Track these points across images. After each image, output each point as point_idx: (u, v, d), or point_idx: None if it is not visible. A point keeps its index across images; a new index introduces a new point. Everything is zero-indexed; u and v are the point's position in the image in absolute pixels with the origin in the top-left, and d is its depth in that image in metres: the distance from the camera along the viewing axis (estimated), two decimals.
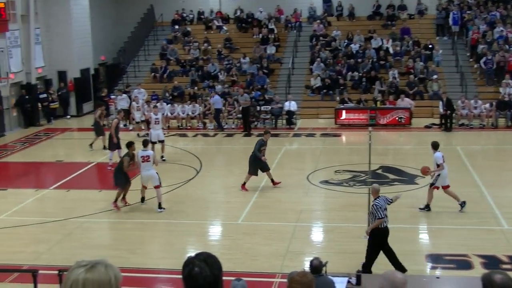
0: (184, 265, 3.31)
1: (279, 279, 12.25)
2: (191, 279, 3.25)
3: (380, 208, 12.04)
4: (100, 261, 3.00)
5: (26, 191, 19.36)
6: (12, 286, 12.39)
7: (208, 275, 3.25)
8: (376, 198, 12.40)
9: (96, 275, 2.92)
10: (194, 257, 3.33)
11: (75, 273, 2.92)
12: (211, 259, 3.33)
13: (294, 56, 32.98)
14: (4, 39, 27.19)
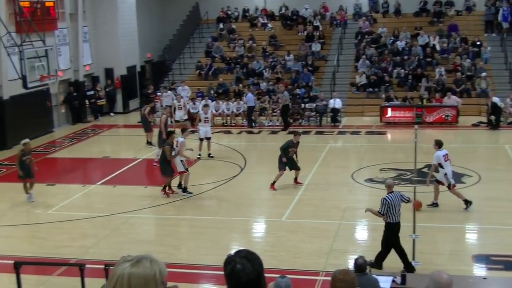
0: (225, 262, 3.33)
1: (323, 277, 12.21)
2: (233, 276, 3.27)
3: (385, 205, 12.11)
4: (145, 256, 3.03)
5: (74, 186, 19.69)
6: (59, 279, 12.63)
7: (251, 271, 3.26)
8: (389, 192, 12.42)
9: (141, 270, 2.95)
10: (235, 255, 3.35)
11: (120, 267, 2.95)
12: (252, 255, 3.34)
13: (339, 53, 32.79)
14: (53, 37, 27.66)
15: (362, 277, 8.94)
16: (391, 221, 12.19)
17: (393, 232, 12.23)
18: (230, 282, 3.30)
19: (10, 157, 23.58)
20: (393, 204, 12.13)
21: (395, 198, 12.23)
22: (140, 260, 2.98)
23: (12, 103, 25.09)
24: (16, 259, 11.11)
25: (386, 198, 12.22)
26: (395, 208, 12.16)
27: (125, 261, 2.97)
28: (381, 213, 12.22)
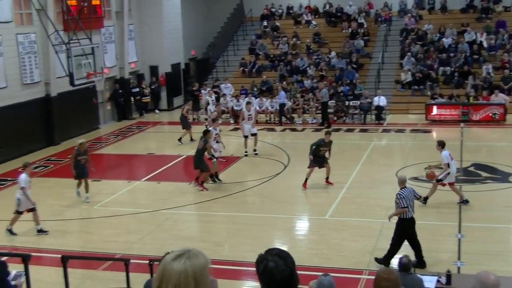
0: (257, 261, 3.33)
1: (366, 276, 12.13)
2: (267, 274, 3.27)
3: (404, 198, 12.17)
4: (191, 248, 3.05)
5: (119, 182, 19.96)
6: (104, 273, 12.82)
7: (284, 268, 3.26)
8: (402, 188, 12.50)
9: (198, 261, 2.96)
10: (267, 253, 3.35)
11: (178, 263, 2.94)
12: (283, 253, 3.34)
13: (384, 50, 32.47)
14: (99, 35, 28.07)
15: (406, 276, 8.85)
16: (405, 217, 12.29)
17: (405, 228, 12.32)
18: (264, 281, 3.30)
19: (57, 153, 24.04)
20: (408, 198, 12.25)
21: (408, 193, 12.37)
22: (194, 253, 3.00)
23: (60, 100, 25.54)
24: (64, 253, 11.32)
25: (401, 192, 12.36)
26: (410, 202, 12.27)
27: (178, 256, 2.98)
28: (403, 206, 12.24)
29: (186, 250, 3.00)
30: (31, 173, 16.41)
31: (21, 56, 23.89)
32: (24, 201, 14.99)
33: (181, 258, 2.95)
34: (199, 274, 2.94)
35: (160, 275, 2.97)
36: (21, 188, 14.92)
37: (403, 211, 12.28)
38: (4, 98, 22.91)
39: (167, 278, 2.93)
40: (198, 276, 2.93)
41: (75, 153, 17.45)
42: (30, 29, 24.40)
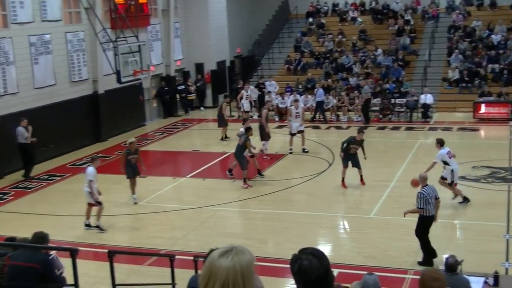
0: (291, 261, 3.31)
1: (411, 275, 12.00)
2: (302, 273, 3.25)
3: (422, 198, 12.23)
4: (235, 245, 3.06)
5: (164, 179, 20.14)
6: (150, 269, 12.96)
7: (319, 266, 3.23)
8: (424, 186, 12.48)
9: (245, 257, 2.98)
10: (301, 252, 3.33)
11: (225, 260, 2.95)
12: (318, 252, 3.31)
13: (431, 47, 32.04)
14: (145, 33, 28.37)
15: (453, 277, 8.72)
16: (426, 215, 12.34)
17: (426, 226, 12.44)
18: (299, 280, 3.28)
19: (104, 149, 24.39)
20: (429, 197, 12.29)
21: (430, 192, 12.38)
22: (240, 249, 3.01)
23: (107, 97, 25.90)
24: (110, 248, 11.48)
25: (422, 191, 12.36)
26: (431, 201, 12.32)
27: (224, 252, 2.99)
28: (419, 207, 12.32)
29: (232, 246, 3.01)
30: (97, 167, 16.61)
31: (70, 54, 24.31)
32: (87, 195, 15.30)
33: (228, 254, 2.97)
34: (246, 270, 2.95)
35: (207, 272, 2.97)
36: (89, 181, 15.18)
37: (419, 211, 12.38)
38: (53, 95, 23.34)
39: (215, 275, 2.94)
40: (245, 272, 2.95)
41: (125, 152, 17.49)
42: (79, 28, 24.81)
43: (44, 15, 22.90)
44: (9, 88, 21.43)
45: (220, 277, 2.92)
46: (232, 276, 2.92)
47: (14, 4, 21.53)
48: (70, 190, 19.37)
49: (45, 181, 20.29)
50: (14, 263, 7.98)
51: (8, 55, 21.31)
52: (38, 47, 22.60)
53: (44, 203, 18.01)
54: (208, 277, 2.96)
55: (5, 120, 20.84)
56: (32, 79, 22.39)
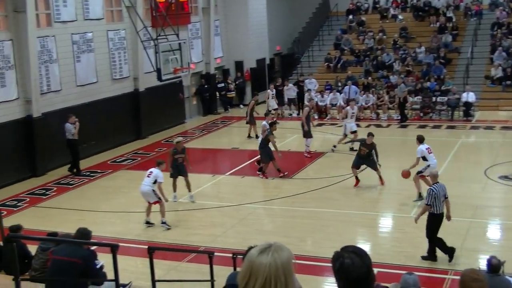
0: (333, 259, 3.29)
1: (452, 276, 11.86)
2: (343, 272, 3.22)
3: (431, 195, 12.30)
4: (273, 242, 3.07)
5: (204, 176, 20.24)
6: (189, 265, 13.06)
7: (360, 265, 3.20)
8: (434, 183, 12.65)
9: (284, 254, 3.00)
10: (343, 250, 3.31)
11: (265, 257, 2.96)
12: (360, 250, 3.28)
13: (474, 45, 31.56)
14: (186, 31, 28.55)
15: (495, 278, 8.58)
16: (435, 212, 12.40)
17: (436, 223, 12.49)
18: (340, 278, 3.26)
19: (144, 146, 24.63)
20: (438, 194, 12.33)
21: (440, 189, 12.45)
22: (278, 246, 3.03)
23: (147, 95, 26.14)
24: (150, 244, 11.58)
25: (432, 188, 12.45)
26: (440, 199, 12.36)
27: (263, 250, 3.00)
28: (427, 204, 12.41)
29: (269, 244, 3.02)
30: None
31: (111, 52, 24.61)
32: (152, 195, 15.39)
33: (267, 251, 2.97)
34: (286, 266, 2.96)
35: (247, 270, 2.98)
36: (159, 183, 15.34)
37: (427, 208, 12.46)
38: (95, 93, 23.66)
39: (256, 272, 2.95)
40: (286, 268, 2.96)
41: (172, 151, 17.48)
42: (120, 26, 25.10)
43: (86, 13, 23.23)
44: (52, 85, 21.80)
45: (261, 274, 2.93)
46: (273, 272, 2.93)
47: (57, 3, 21.88)
48: (111, 186, 19.64)
49: (86, 177, 20.59)
50: (57, 257, 8.11)
51: (51, 53, 21.67)
52: (80, 45, 22.94)
53: (85, 199, 18.27)
54: (249, 275, 2.97)
55: (48, 117, 21.20)
56: (74, 77, 22.73)
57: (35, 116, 20.72)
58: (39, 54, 21.00)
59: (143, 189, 15.47)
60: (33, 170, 20.83)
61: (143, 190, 15.47)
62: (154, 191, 15.32)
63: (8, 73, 20.00)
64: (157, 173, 15.45)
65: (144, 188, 15.43)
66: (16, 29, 20.19)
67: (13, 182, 19.97)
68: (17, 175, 20.29)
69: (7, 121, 20.08)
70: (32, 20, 20.26)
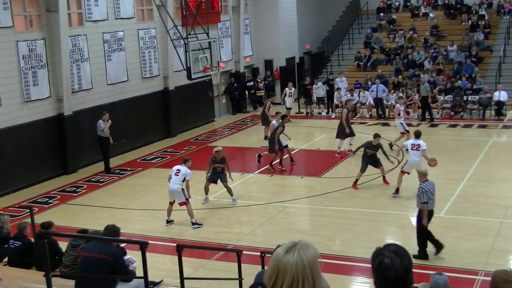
0: (373, 255, 3.27)
1: (482, 276, 11.74)
2: (381, 270, 3.20)
3: (425, 192, 12.45)
4: (299, 240, 3.08)
5: (233, 174, 20.23)
6: (217, 263, 13.11)
7: (399, 266, 3.17)
8: (424, 181, 12.73)
9: (310, 252, 3.01)
10: (384, 248, 3.28)
11: (292, 255, 2.98)
12: (401, 250, 3.25)
13: (506, 43, 31.14)
14: (216, 29, 28.63)
15: None
16: (428, 209, 12.53)
17: (429, 220, 12.64)
18: (378, 276, 3.24)
19: (173, 145, 24.77)
20: (430, 191, 12.52)
21: (430, 186, 12.61)
22: (303, 244, 3.04)
23: (177, 93, 26.28)
24: (179, 242, 11.65)
25: (423, 186, 12.60)
26: (431, 196, 12.56)
27: (289, 248, 3.02)
28: (424, 202, 12.50)
29: (294, 242, 3.04)
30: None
31: (142, 51, 24.79)
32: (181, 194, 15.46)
33: (293, 250, 2.99)
34: (313, 263, 2.98)
35: (274, 269, 3.00)
36: (187, 181, 15.39)
37: (425, 208, 12.52)
38: (126, 91, 23.86)
39: (283, 271, 2.97)
40: (312, 265, 2.98)
41: (211, 160, 17.24)
42: (151, 25, 25.26)
43: (117, 12, 23.43)
44: (84, 84, 22.03)
45: (288, 273, 2.95)
46: (301, 270, 2.95)
47: (89, 3, 22.10)
48: (140, 184, 19.78)
49: (116, 175, 20.77)
50: (87, 254, 8.21)
51: (83, 52, 21.90)
52: (111, 44, 23.14)
53: (114, 197, 18.45)
54: (276, 274, 2.98)
55: (79, 116, 21.43)
56: (105, 75, 22.95)
57: (66, 114, 20.97)
58: (70, 53, 21.24)
59: (172, 187, 15.49)
60: (64, 168, 21.09)
61: (172, 188, 15.49)
62: (183, 190, 15.37)
63: (41, 72, 20.27)
64: (186, 171, 15.50)
65: (173, 187, 15.46)
66: (48, 28, 20.45)
67: (45, 180, 20.25)
68: (49, 172, 20.57)
69: (39, 119, 20.34)
70: (64, 19, 20.50)
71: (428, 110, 26.65)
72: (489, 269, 11.61)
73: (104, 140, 20.82)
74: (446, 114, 27.27)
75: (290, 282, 2.94)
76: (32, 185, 19.68)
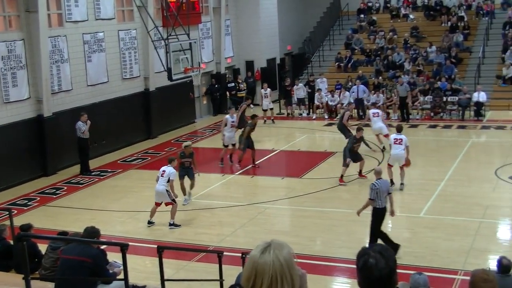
0: (358, 255, 3.28)
1: (461, 276, 11.82)
2: (366, 270, 3.22)
3: (375, 189, 12.72)
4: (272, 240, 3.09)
5: (213, 175, 20.28)
6: (198, 265, 13.08)
7: (383, 266, 3.19)
8: (378, 179, 13.05)
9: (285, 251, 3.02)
10: (369, 248, 3.30)
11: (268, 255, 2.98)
12: (386, 251, 3.27)
13: (485, 44, 31.42)
14: (197, 30, 28.58)
15: (506, 278, 8.54)
16: (378, 206, 12.80)
17: (379, 217, 12.89)
18: (362, 276, 3.26)
19: (154, 146, 24.70)
20: (381, 190, 12.72)
21: (383, 185, 12.85)
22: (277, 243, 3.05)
23: (158, 95, 26.21)
24: (159, 243, 11.61)
25: (375, 183, 12.85)
26: (383, 194, 12.76)
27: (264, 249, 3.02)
28: (371, 198, 12.79)
29: (268, 242, 3.05)
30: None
31: (122, 52, 24.69)
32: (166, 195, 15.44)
33: (268, 250, 3.00)
34: (289, 261, 3.01)
35: (252, 271, 3.00)
36: (171, 181, 15.48)
37: (370, 203, 12.84)
38: (106, 92, 23.75)
39: (261, 272, 2.97)
40: (289, 263, 3.01)
41: (179, 154, 17.35)
42: (131, 26, 25.17)
43: (98, 13, 23.32)
44: (63, 85, 21.90)
45: (267, 273, 2.96)
46: (279, 269, 2.96)
47: (69, 3, 21.97)
48: (121, 185, 19.71)
49: (96, 177, 20.67)
50: (66, 256, 8.15)
51: (63, 53, 21.77)
52: (91, 45, 23.03)
53: (95, 198, 18.35)
54: (254, 276, 2.99)
55: (59, 117, 21.30)
56: (85, 76, 22.83)
57: (46, 115, 20.82)
58: (50, 54, 21.10)
59: (158, 189, 15.48)
60: (43, 170, 20.94)
61: (158, 189, 15.48)
62: (167, 191, 15.36)
63: (20, 73, 20.11)
64: (170, 171, 15.50)
65: (159, 188, 15.45)
66: (28, 29, 20.30)
67: (24, 181, 20.09)
68: (28, 174, 20.41)
69: (19, 121, 20.18)
70: (43, 20, 20.37)
71: (403, 111, 26.84)
72: (468, 268, 11.68)
73: (84, 142, 20.71)
74: (426, 114, 27.44)
75: (269, 282, 2.95)
76: (11, 187, 19.52)
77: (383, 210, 12.91)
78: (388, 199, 12.98)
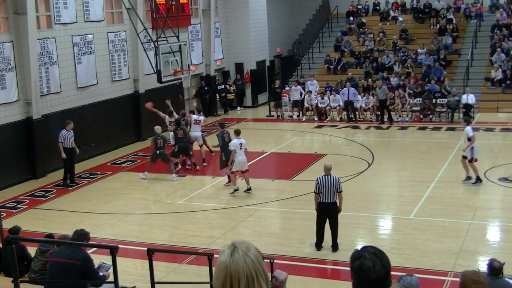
0: (353, 258, 3.27)
1: (451, 277, 11.85)
2: (362, 272, 3.21)
3: (317, 184, 13.21)
4: (233, 240, 3.10)
5: (204, 178, 20.26)
6: (188, 267, 13.05)
7: (380, 268, 3.19)
8: (325, 175, 13.36)
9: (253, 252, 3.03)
10: (363, 250, 3.29)
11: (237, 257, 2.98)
12: (380, 253, 3.27)
13: (474, 47, 31.56)
14: (186, 33, 28.56)
15: (496, 280, 8.55)
16: (321, 201, 13.28)
17: (321, 211, 13.37)
18: (358, 278, 3.25)
19: (144, 148, 24.61)
20: (325, 185, 13.16)
21: (328, 181, 13.21)
22: (240, 242, 3.08)
23: (147, 97, 26.09)
24: (149, 246, 11.58)
25: (318, 178, 13.33)
26: (328, 190, 13.18)
27: (232, 251, 3.03)
28: (315, 192, 13.32)
29: (232, 244, 3.06)
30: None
31: (111, 54, 24.62)
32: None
33: (235, 251, 3.03)
34: (258, 257, 3.05)
35: (225, 277, 3.01)
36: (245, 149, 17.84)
37: (316, 197, 13.33)
38: (95, 95, 23.67)
39: (236, 275, 2.98)
40: (259, 259, 3.05)
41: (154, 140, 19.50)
42: (120, 28, 25.11)
43: (87, 15, 23.25)
44: (52, 87, 21.81)
45: (242, 273, 2.98)
46: (252, 267, 3.00)
47: (58, 5, 21.89)
48: (110, 188, 19.64)
49: (86, 179, 20.58)
50: (56, 259, 8.12)
51: (52, 55, 21.68)
52: (81, 47, 22.95)
53: (84, 201, 18.28)
54: (230, 280, 2.99)
55: (48, 119, 21.20)
56: (74, 78, 22.74)
57: (35, 118, 20.73)
58: (39, 56, 21.01)
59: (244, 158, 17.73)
60: (33, 172, 20.84)
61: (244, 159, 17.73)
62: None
63: (8, 75, 20.02)
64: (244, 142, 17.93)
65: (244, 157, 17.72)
66: (17, 31, 20.21)
67: (13, 184, 19.99)
68: (17, 177, 20.31)
69: (7, 123, 20.09)
70: (32, 22, 20.28)
71: (387, 113, 26.91)
72: (458, 270, 11.71)
73: (70, 151, 19.73)
74: (415, 116, 27.54)
75: (246, 282, 2.95)
76: (0, 190, 19.42)
77: (325, 205, 13.33)
78: (337, 196, 13.43)
